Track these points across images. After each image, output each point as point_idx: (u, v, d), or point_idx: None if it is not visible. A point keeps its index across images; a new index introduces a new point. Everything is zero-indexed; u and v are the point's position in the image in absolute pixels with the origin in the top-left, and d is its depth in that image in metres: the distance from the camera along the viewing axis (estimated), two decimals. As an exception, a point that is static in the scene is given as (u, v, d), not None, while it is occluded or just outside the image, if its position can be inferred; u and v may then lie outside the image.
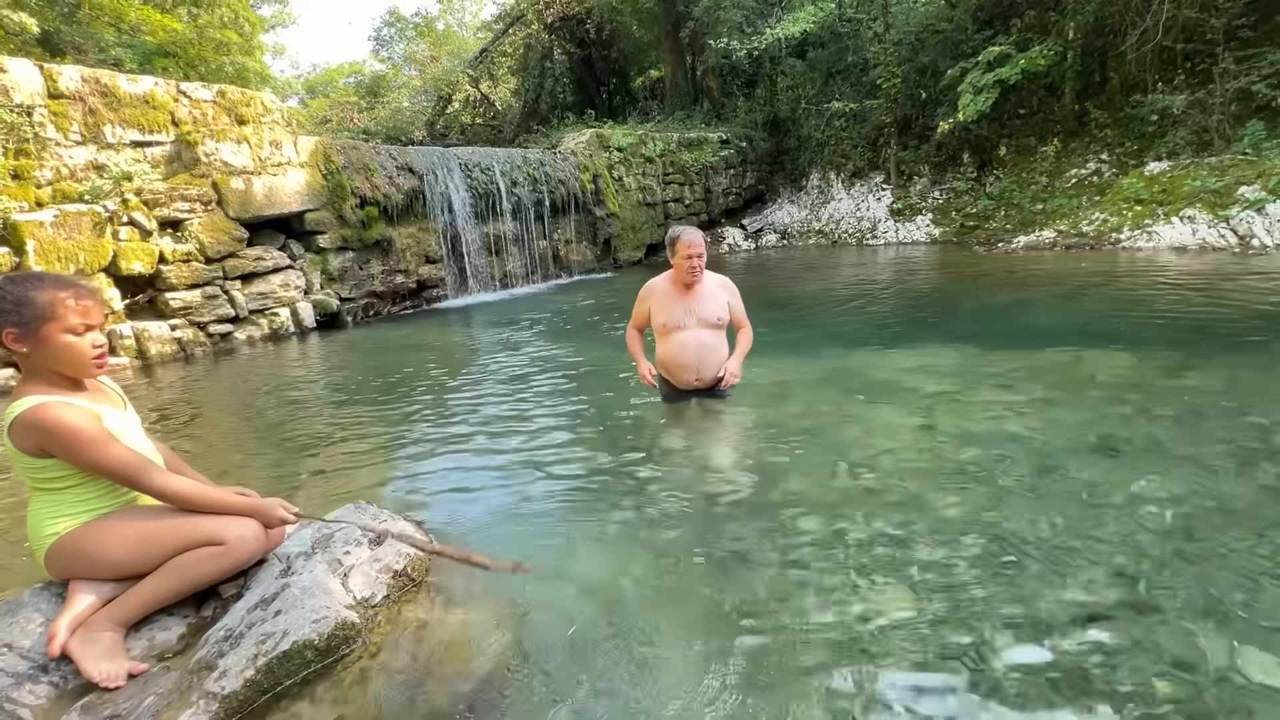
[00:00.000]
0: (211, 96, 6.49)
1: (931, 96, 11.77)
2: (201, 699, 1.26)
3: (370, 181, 7.52)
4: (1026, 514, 2.08)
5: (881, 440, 2.76)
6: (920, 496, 2.24)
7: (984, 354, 3.99)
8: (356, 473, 2.93)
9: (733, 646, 1.55)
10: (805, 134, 13.65)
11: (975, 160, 11.55)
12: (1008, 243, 9.58)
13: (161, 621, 1.48)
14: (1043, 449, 2.55)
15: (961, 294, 6.41)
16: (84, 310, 1.40)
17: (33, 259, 5.13)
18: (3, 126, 5.21)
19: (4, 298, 1.35)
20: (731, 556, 1.95)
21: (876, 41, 11.74)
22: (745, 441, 2.85)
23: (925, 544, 1.94)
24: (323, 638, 1.41)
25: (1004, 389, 3.30)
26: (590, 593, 1.79)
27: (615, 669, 1.49)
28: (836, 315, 5.87)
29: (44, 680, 1.32)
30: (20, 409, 1.36)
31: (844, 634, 1.57)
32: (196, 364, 5.75)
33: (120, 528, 1.43)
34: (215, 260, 6.27)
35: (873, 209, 12.33)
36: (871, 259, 9.87)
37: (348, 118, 19.43)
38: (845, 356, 4.21)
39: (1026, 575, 1.77)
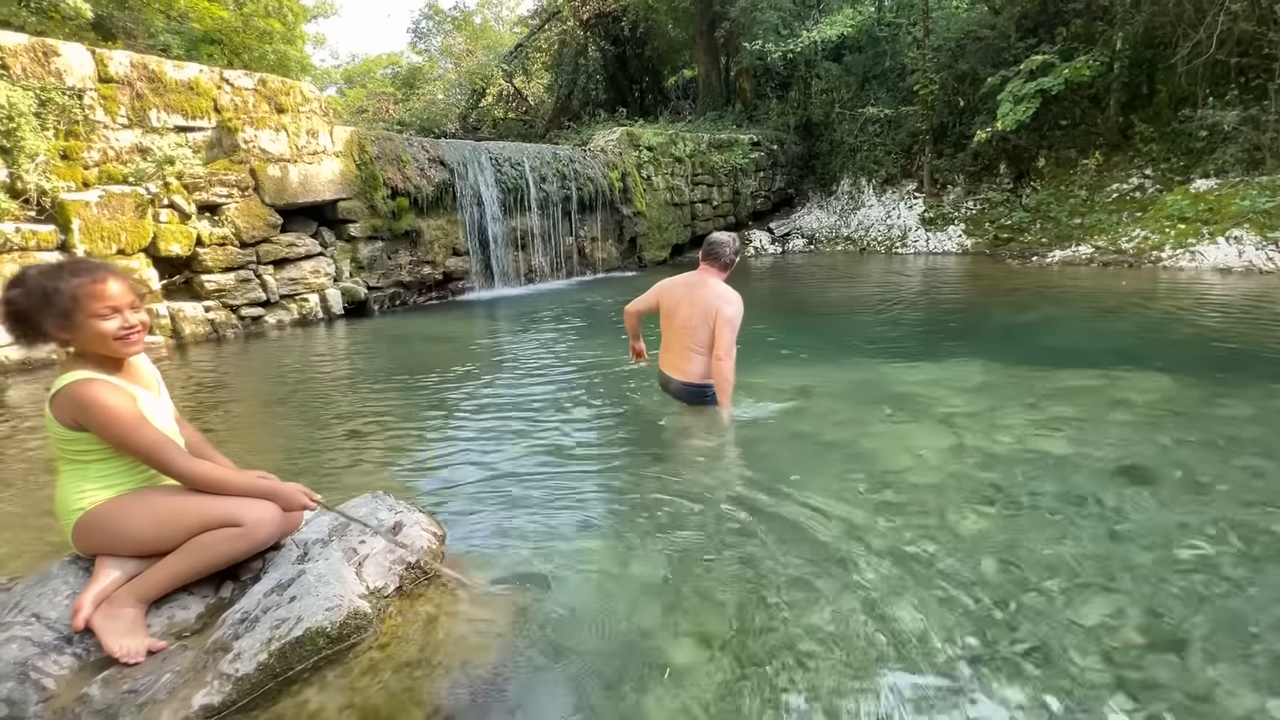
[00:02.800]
0: (253, 85, 6.63)
1: (969, 104, 11.54)
2: (216, 679, 1.29)
3: (402, 173, 7.62)
4: (1049, 540, 2.03)
5: (903, 455, 2.71)
6: (940, 515, 2.20)
7: (1012, 371, 3.90)
8: (376, 461, 2.98)
9: (742, 654, 1.54)
10: (838, 138, 13.48)
11: (1012, 171, 11.30)
12: (1042, 257, 9.36)
13: (181, 600, 1.52)
14: (1069, 473, 2.48)
15: (992, 308, 6.28)
16: (104, 294, 1.43)
17: (78, 238, 5.30)
18: (55, 108, 5.39)
19: (32, 293, 1.39)
20: (745, 564, 1.93)
21: (915, 47, 11.55)
22: (764, 449, 2.83)
23: (942, 564, 1.91)
24: (335, 626, 1.43)
25: (1031, 409, 3.22)
26: (602, 594, 1.79)
27: (625, 673, 1.49)
28: (862, 324, 5.79)
29: (68, 651, 1.36)
30: (64, 382, 1.42)
31: (853, 648, 1.55)
32: (228, 345, 5.89)
33: (143, 506, 1.47)
34: (250, 245, 6.41)
35: (903, 217, 12.14)
36: (900, 268, 9.72)
37: (384, 108, 19.71)
38: (869, 367, 4.15)
39: (1045, 603, 1.72)
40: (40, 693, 1.27)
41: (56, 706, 1.26)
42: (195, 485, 1.50)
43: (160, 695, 1.27)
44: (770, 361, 4.30)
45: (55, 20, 9.09)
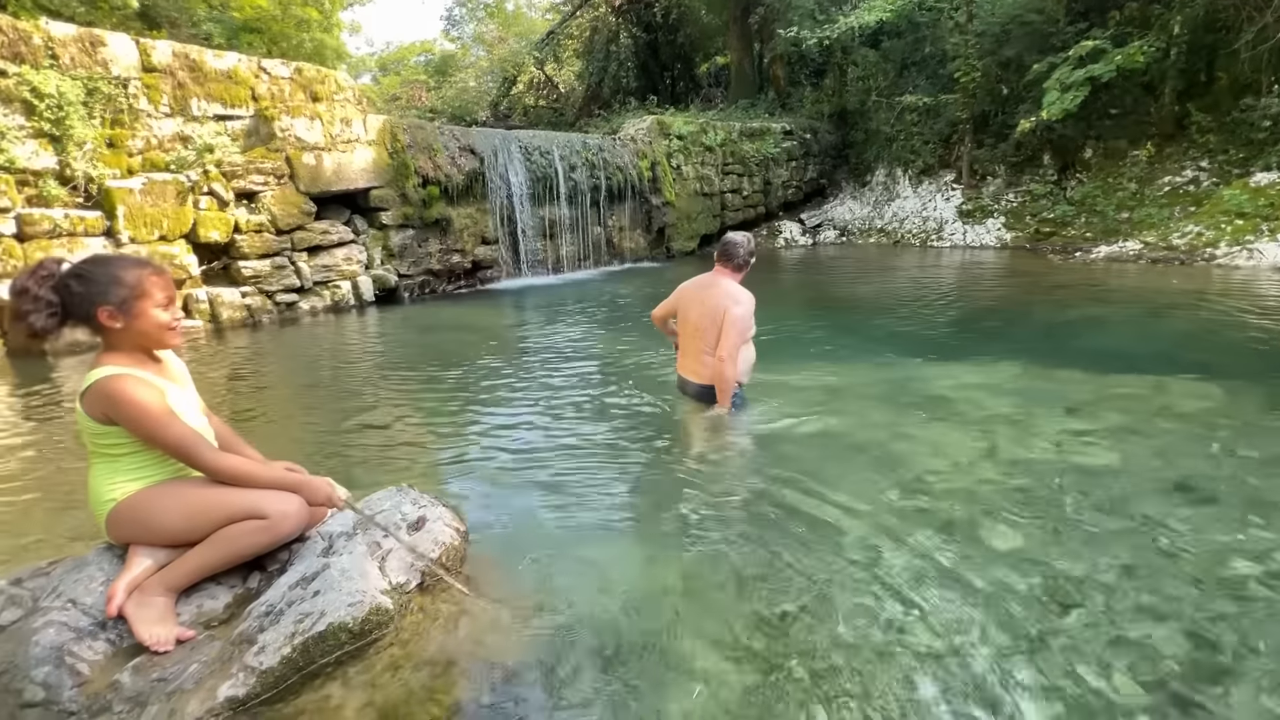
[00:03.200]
0: (289, 74, 6.73)
1: (1013, 93, 11.11)
2: (241, 671, 1.31)
3: (433, 161, 7.67)
4: (1089, 555, 1.94)
5: (935, 460, 2.63)
6: (973, 524, 2.13)
7: (1053, 374, 3.75)
8: (402, 451, 3.01)
9: (763, 661, 1.51)
10: (873, 127, 13.14)
11: (1057, 162, 10.86)
12: (1087, 252, 9.01)
13: (210, 590, 1.55)
14: (1112, 485, 2.38)
15: (1032, 306, 6.06)
16: (165, 285, 1.51)
17: (122, 224, 5.47)
18: (101, 97, 5.54)
19: (96, 279, 1.43)
20: (768, 568, 1.90)
21: (958, 32, 11.15)
22: (791, 450, 2.77)
23: (974, 575, 1.84)
24: (357, 621, 1.44)
25: (1073, 414, 3.10)
26: (623, 594, 1.78)
27: (642, 677, 1.47)
28: (894, 321, 5.65)
29: (102, 637, 1.40)
30: (96, 377, 1.44)
31: (878, 660, 1.50)
32: (263, 331, 6.03)
33: (172, 497, 1.50)
34: (285, 232, 6.54)
35: (940, 209, 11.80)
36: (935, 262, 9.46)
37: (416, 96, 19.87)
38: (901, 366, 4.04)
39: (1083, 622, 1.65)
40: (75, 677, 1.31)
41: (90, 691, 1.30)
42: (223, 479, 1.52)
43: (188, 685, 1.30)
44: (799, 358, 4.22)
45: (103, 10, 9.34)
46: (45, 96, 5.17)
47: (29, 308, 1.41)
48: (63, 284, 1.43)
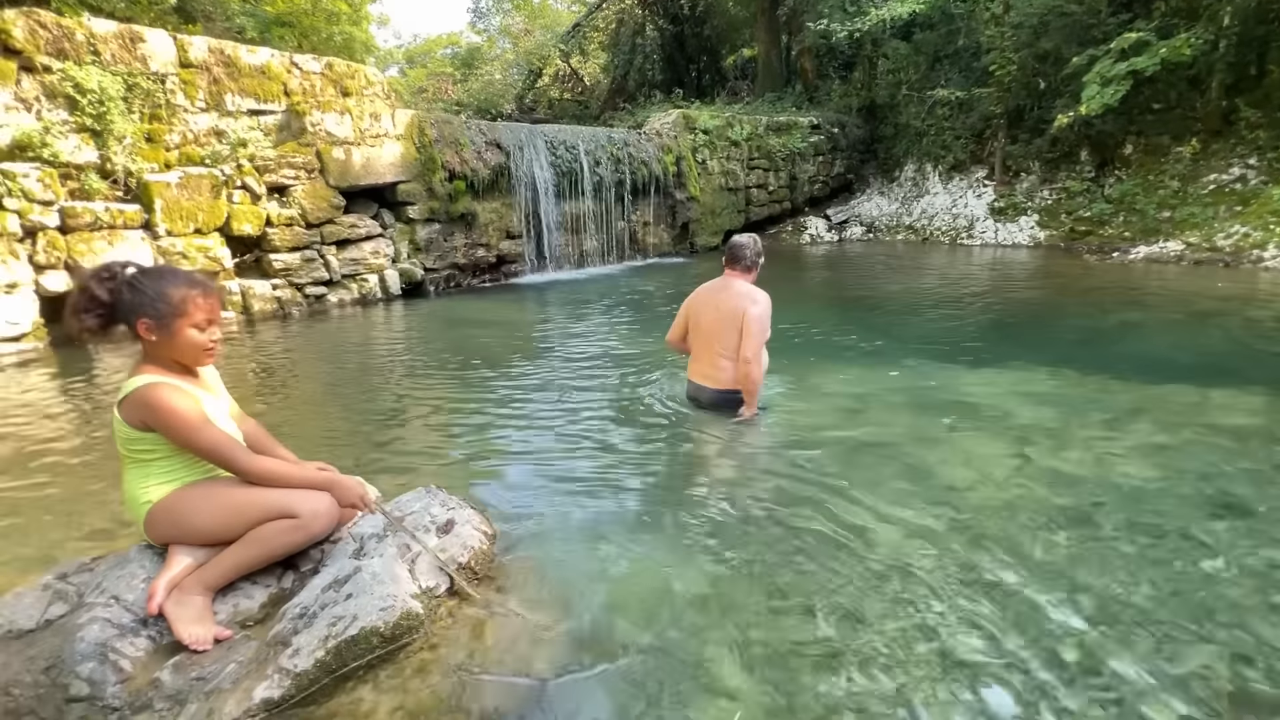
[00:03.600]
0: (320, 69, 6.80)
1: (1050, 86, 10.80)
2: (276, 673, 1.33)
3: (460, 155, 7.71)
4: (1127, 574, 1.89)
5: (963, 470, 2.58)
6: (1003, 538, 2.08)
7: (1088, 381, 3.65)
8: (428, 447, 3.04)
9: (786, 677, 1.50)
10: (903, 122, 12.89)
11: (1094, 158, 10.55)
12: (1125, 252, 8.74)
13: (245, 589, 1.58)
14: (1151, 500, 2.31)
15: (1066, 308, 5.91)
16: (210, 308, 1.54)
17: (159, 217, 5.60)
18: (140, 93, 5.66)
19: (144, 291, 1.47)
20: (793, 579, 1.87)
21: (993, 24, 10.85)
22: (816, 458, 2.74)
23: (1006, 594, 1.80)
24: (389, 626, 1.46)
25: (1109, 425, 3.01)
26: (649, 603, 1.77)
27: (669, 689, 1.47)
28: (921, 322, 5.55)
29: (143, 634, 1.44)
30: (134, 386, 1.48)
31: (906, 678, 1.48)
32: (292, 323, 6.14)
33: (205, 498, 1.54)
34: (314, 225, 6.64)
35: (971, 206, 11.54)
36: (965, 260, 9.27)
37: (443, 89, 19.99)
38: (928, 370, 3.97)
39: (1121, 644, 1.60)
40: (118, 674, 1.34)
41: (132, 688, 1.33)
42: (257, 481, 1.55)
43: (225, 685, 1.33)
44: (823, 360, 4.17)
45: (141, 5, 9.55)
46: (87, 92, 5.31)
47: (85, 305, 1.46)
48: (117, 289, 1.48)
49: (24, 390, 4.11)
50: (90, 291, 1.46)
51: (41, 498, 2.55)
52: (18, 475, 2.77)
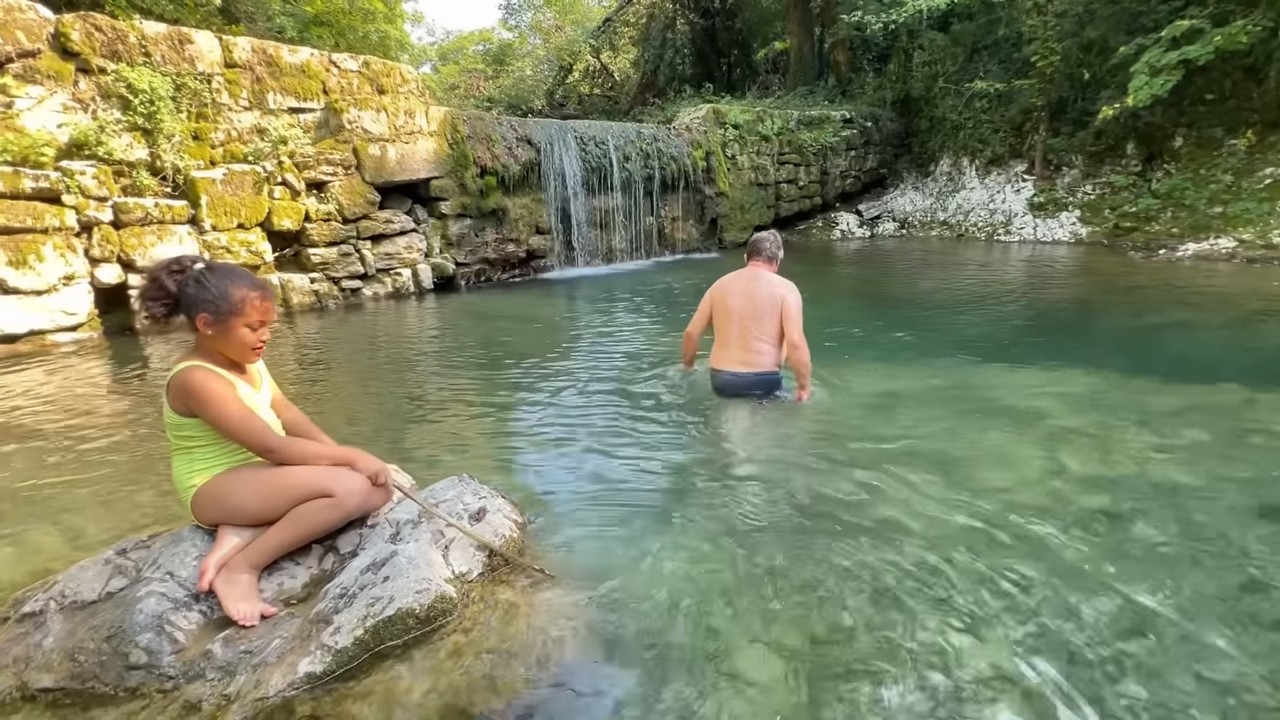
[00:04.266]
0: (357, 67, 6.96)
1: (1095, 77, 10.42)
2: (318, 649, 1.40)
3: (491, 151, 7.81)
4: (1168, 582, 1.84)
5: (997, 471, 2.54)
6: (1038, 541, 2.05)
7: (1129, 383, 3.54)
8: (459, 437, 3.11)
9: (816, 671, 1.50)
10: (939, 115, 12.59)
11: (1141, 152, 10.16)
12: (1172, 250, 8.42)
13: (289, 569, 1.65)
14: (1193, 506, 2.24)
15: (1108, 307, 5.72)
16: (264, 311, 1.63)
17: (205, 212, 5.81)
18: (188, 92, 5.87)
19: (209, 288, 1.56)
20: (821, 575, 1.88)
21: (1036, 13, 10.52)
22: (846, 455, 2.73)
23: (1038, 596, 1.77)
24: (423, 608, 1.51)
25: (1151, 428, 2.92)
26: (677, 593, 1.80)
27: (695, 677, 1.49)
28: (955, 320, 5.44)
29: (195, 609, 1.52)
30: (177, 370, 1.58)
31: (934, 678, 1.47)
32: (329, 316, 6.32)
33: (247, 481, 1.62)
34: (351, 221, 6.80)
35: (1009, 201, 11.24)
36: (1002, 257, 9.04)
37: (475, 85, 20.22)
38: (962, 369, 3.90)
39: (1159, 652, 1.57)
40: (173, 645, 1.42)
41: (186, 658, 1.41)
42: (283, 460, 1.63)
43: (271, 659, 1.40)
44: (854, 358, 4.13)
45: (188, 6, 9.88)
46: (139, 92, 5.52)
47: (153, 294, 1.56)
48: (185, 282, 1.56)
49: (81, 377, 4.32)
50: (160, 282, 1.55)
51: (100, 476, 2.69)
52: (78, 456, 2.93)
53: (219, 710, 1.32)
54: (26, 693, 1.37)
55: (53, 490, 2.58)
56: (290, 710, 1.33)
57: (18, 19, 5.12)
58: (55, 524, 2.29)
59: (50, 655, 1.41)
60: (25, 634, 1.46)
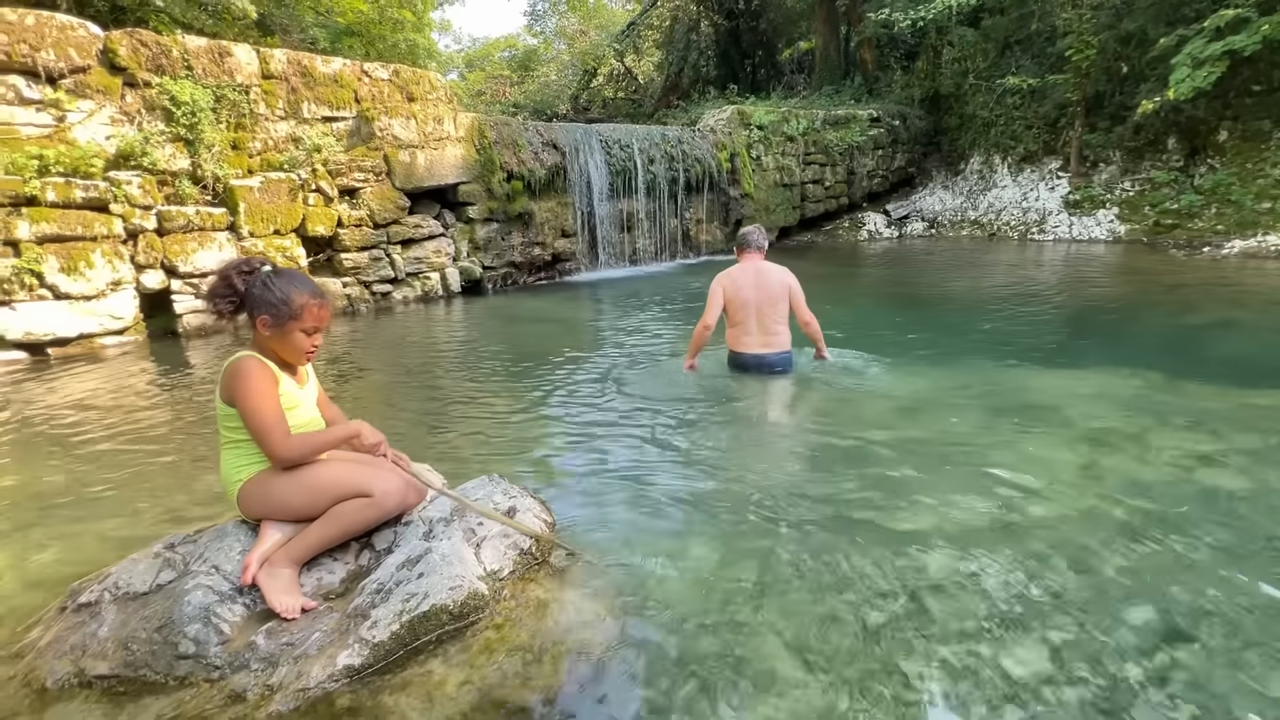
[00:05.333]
0: (388, 76, 7.11)
1: (1134, 70, 10.13)
2: (356, 643, 1.43)
3: (517, 156, 7.90)
4: (1214, 591, 1.78)
5: (1032, 475, 2.48)
6: (1075, 547, 1.99)
7: (1172, 385, 3.43)
8: (487, 437, 3.15)
9: (844, 674, 1.49)
10: (969, 112, 12.37)
11: (1184, 146, 9.83)
12: (1217, 247, 8.12)
13: (328, 565, 1.70)
14: (1240, 511, 2.16)
15: (1149, 307, 5.55)
16: (321, 317, 1.69)
17: (243, 219, 5.99)
18: (227, 104, 6.07)
19: (274, 290, 1.63)
20: (848, 578, 1.86)
21: (1070, 6, 10.26)
22: (873, 454, 2.69)
23: (1077, 604, 1.73)
24: (457, 604, 1.54)
25: (1195, 432, 2.82)
26: (702, 594, 1.80)
27: (721, 679, 1.49)
28: (988, 321, 5.33)
29: (239, 601, 1.57)
30: (232, 358, 1.64)
31: (965, 686, 1.45)
32: (360, 319, 6.46)
33: (290, 479, 1.66)
34: (381, 226, 6.95)
35: (1043, 199, 10.97)
36: (1036, 257, 8.82)
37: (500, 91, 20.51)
38: (995, 371, 3.82)
39: (1205, 666, 1.51)
40: (219, 636, 1.47)
41: (231, 649, 1.46)
42: (295, 464, 1.62)
43: (311, 651, 1.44)
44: (883, 360, 4.07)
45: (226, 20, 10.21)
46: (182, 104, 5.73)
47: (223, 292, 1.62)
48: (253, 283, 1.63)
49: (128, 378, 4.49)
50: (230, 281, 1.62)
51: (148, 473, 2.80)
52: (127, 454, 3.04)
53: (263, 700, 1.36)
54: (84, 679, 1.43)
55: (105, 487, 2.69)
56: (330, 701, 1.36)
57: (69, 37, 5.35)
58: (107, 519, 2.39)
59: (105, 644, 1.47)
60: (82, 623, 1.53)
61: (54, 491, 2.67)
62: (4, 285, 4.90)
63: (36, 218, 5.00)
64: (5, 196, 4.87)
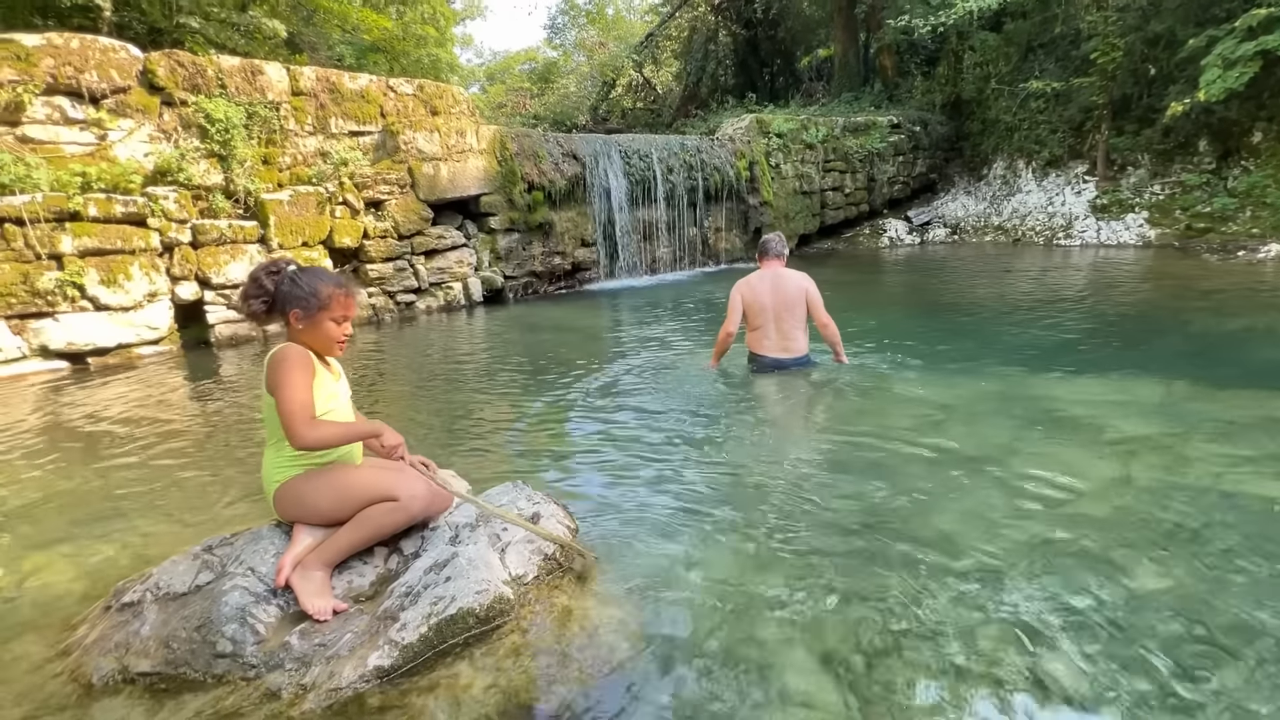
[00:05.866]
0: (412, 91, 7.28)
1: (1161, 72, 9.94)
2: (386, 644, 1.47)
3: (538, 167, 8.01)
4: (1248, 602, 1.73)
5: (1060, 483, 2.44)
6: (1105, 558, 1.96)
7: (1204, 392, 3.35)
8: (509, 444, 3.19)
9: (862, 689, 1.48)
10: (992, 117, 12.23)
11: (1215, 148, 9.60)
12: (1253, 251, 7.91)
13: (358, 569, 1.74)
14: (1275, 520, 2.10)
15: (1180, 313, 5.42)
16: (348, 305, 1.76)
17: (273, 231, 6.16)
18: (259, 120, 6.27)
19: (301, 286, 1.71)
20: (869, 588, 1.85)
21: (1095, 8, 10.12)
22: (898, 464, 2.67)
23: (1107, 615, 1.70)
24: (483, 608, 1.57)
25: (1228, 439, 2.76)
26: (726, 600, 1.80)
27: (742, 687, 1.49)
28: (1013, 328, 5.25)
29: (273, 603, 1.62)
30: (275, 349, 1.71)
31: (992, 696, 1.43)
32: (385, 328, 6.58)
33: (322, 482, 1.71)
34: (406, 237, 7.09)
35: (1069, 204, 10.78)
36: (1063, 262, 8.67)
37: (520, 103, 20.80)
38: (1021, 378, 3.76)
39: (1239, 678, 1.48)
40: (255, 636, 1.52)
41: (266, 649, 1.50)
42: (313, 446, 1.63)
43: (343, 652, 1.48)
44: (903, 369, 4.04)
45: (258, 39, 10.55)
46: (216, 122, 5.93)
47: (254, 293, 1.70)
48: (281, 281, 1.71)
49: (164, 387, 4.64)
50: (260, 282, 1.70)
51: (186, 478, 2.89)
52: (166, 460, 3.14)
53: (296, 699, 1.40)
54: (127, 676, 1.49)
55: (145, 491, 2.78)
56: (361, 701, 1.40)
57: (111, 59, 5.58)
58: (147, 522, 2.47)
59: (147, 642, 1.52)
60: (125, 622, 1.59)
61: (97, 495, 2.77)
62: (48, 297, 5.10)
63: (79, 232, 5.20)
64: (50, 212, 5.08)
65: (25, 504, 2.70)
